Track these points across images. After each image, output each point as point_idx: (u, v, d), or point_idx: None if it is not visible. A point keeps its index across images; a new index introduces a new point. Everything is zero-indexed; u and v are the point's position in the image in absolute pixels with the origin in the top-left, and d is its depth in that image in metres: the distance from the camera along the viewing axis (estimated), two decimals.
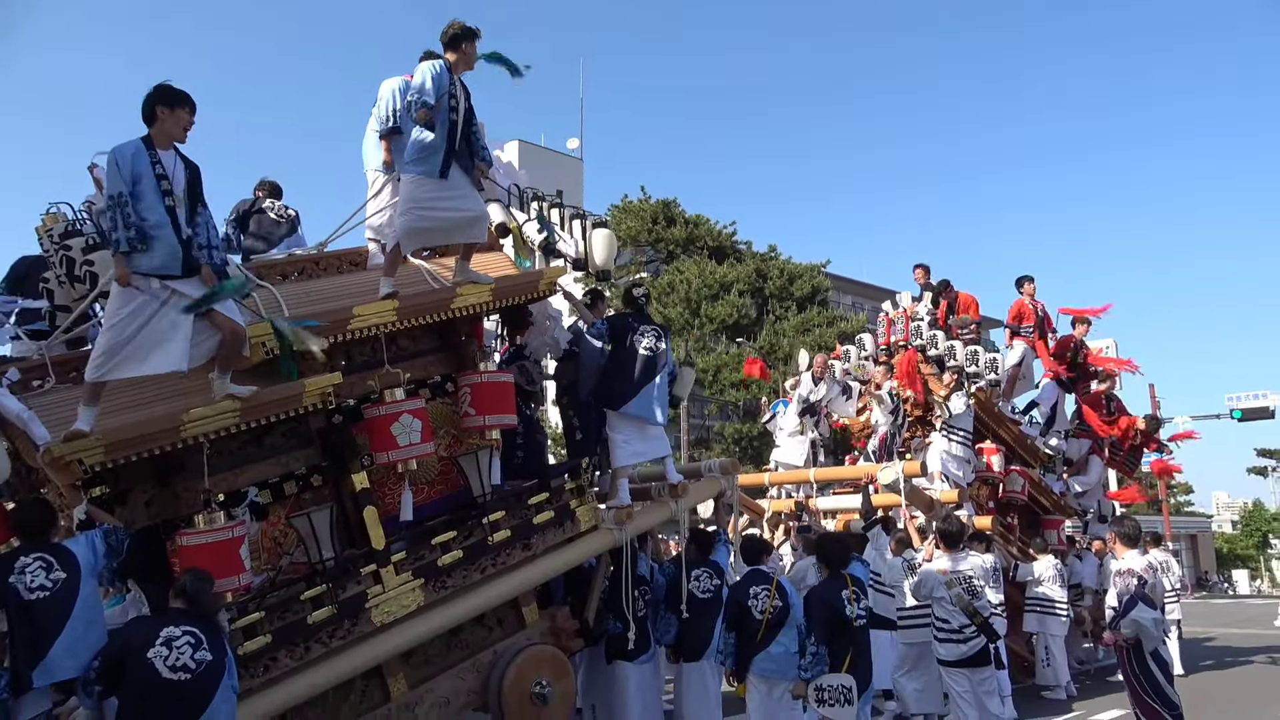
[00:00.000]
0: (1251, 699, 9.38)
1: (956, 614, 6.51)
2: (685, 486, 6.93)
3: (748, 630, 6.01)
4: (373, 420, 5.19)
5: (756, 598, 6.16)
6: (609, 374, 6.53)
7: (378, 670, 5.12)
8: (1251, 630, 16.11)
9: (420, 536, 5.51)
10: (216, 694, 3.89)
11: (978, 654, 6.49)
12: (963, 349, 10.57)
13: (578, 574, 6.68)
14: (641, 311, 6.81)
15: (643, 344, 6.55)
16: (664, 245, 30.70)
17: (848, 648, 5.27)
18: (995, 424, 10.39)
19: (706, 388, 28.64)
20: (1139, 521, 6.65)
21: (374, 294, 5.43)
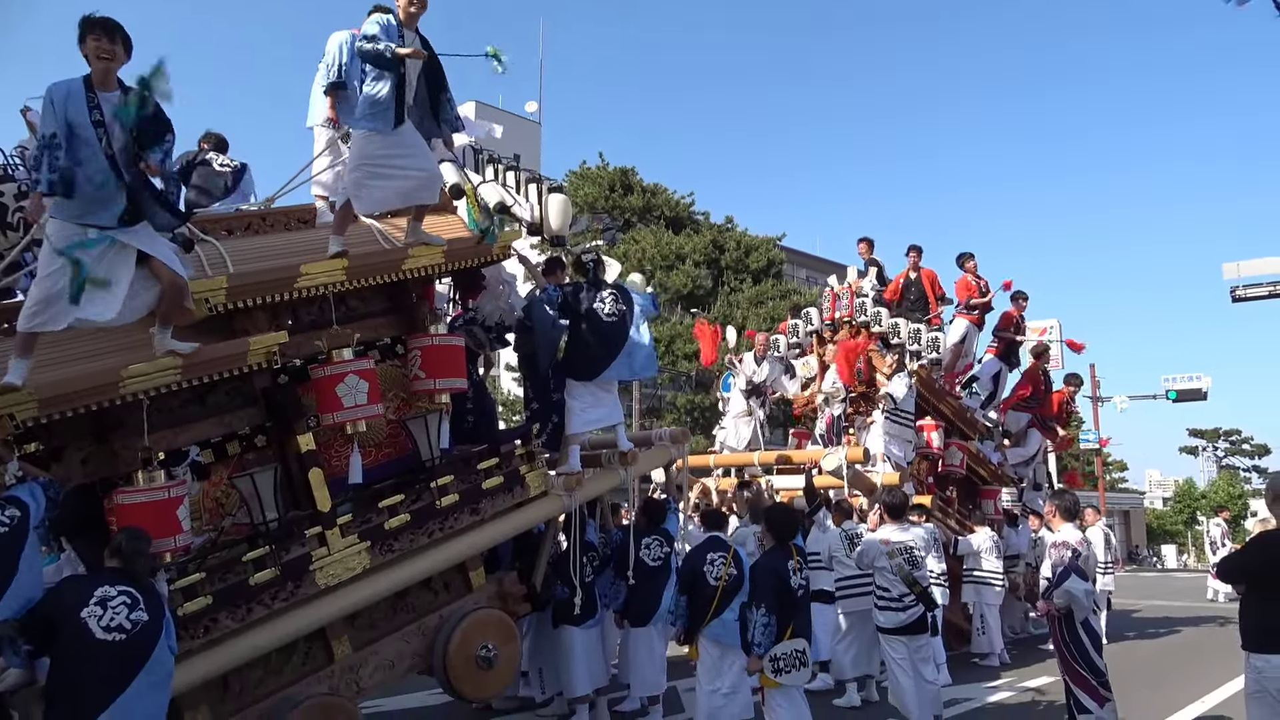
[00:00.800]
0: (1176, 667, 9.80)
1: (897, 583, 6.65)
2: (635, 454, 6.96)
3: (702, 595, 6.11)
4: (319, 380, 5.11)
5: (713, 564, 6.22)
6: (575, 345, 6.51)
7: (321, 633, 5.10)
8: (1179, 602, 16.78)
9: (367, 499, 5.46)
10: (153, 655, 3.83)
11: (916, 622, 6.65)
12: (906, 327, 10.61)
13: (526, 539, 6.70)
14: (596, 278, 6.77)
15: (603, 310, 6.53)
16: (621, 213, 30.54)
17: (793, 616, 5.36)
18: (936, 399, 10.54)
19: (660, 358, 28.71)
20: (1077, 496, 6.84)
21: (322, 252, 5.32)
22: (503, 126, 7.75)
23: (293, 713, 4.77)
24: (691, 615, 6.15)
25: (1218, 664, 9.46)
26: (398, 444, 5.75)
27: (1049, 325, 31.20)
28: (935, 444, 10.29)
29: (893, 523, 6.92)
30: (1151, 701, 7.77)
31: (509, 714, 7.43)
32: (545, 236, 6.71)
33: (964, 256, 11.96)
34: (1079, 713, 5.91)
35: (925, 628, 6.69)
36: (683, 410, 28.20)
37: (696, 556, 6.31)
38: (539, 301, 6.47)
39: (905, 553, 6.73)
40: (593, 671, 6.94)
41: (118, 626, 3.79)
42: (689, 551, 6.66)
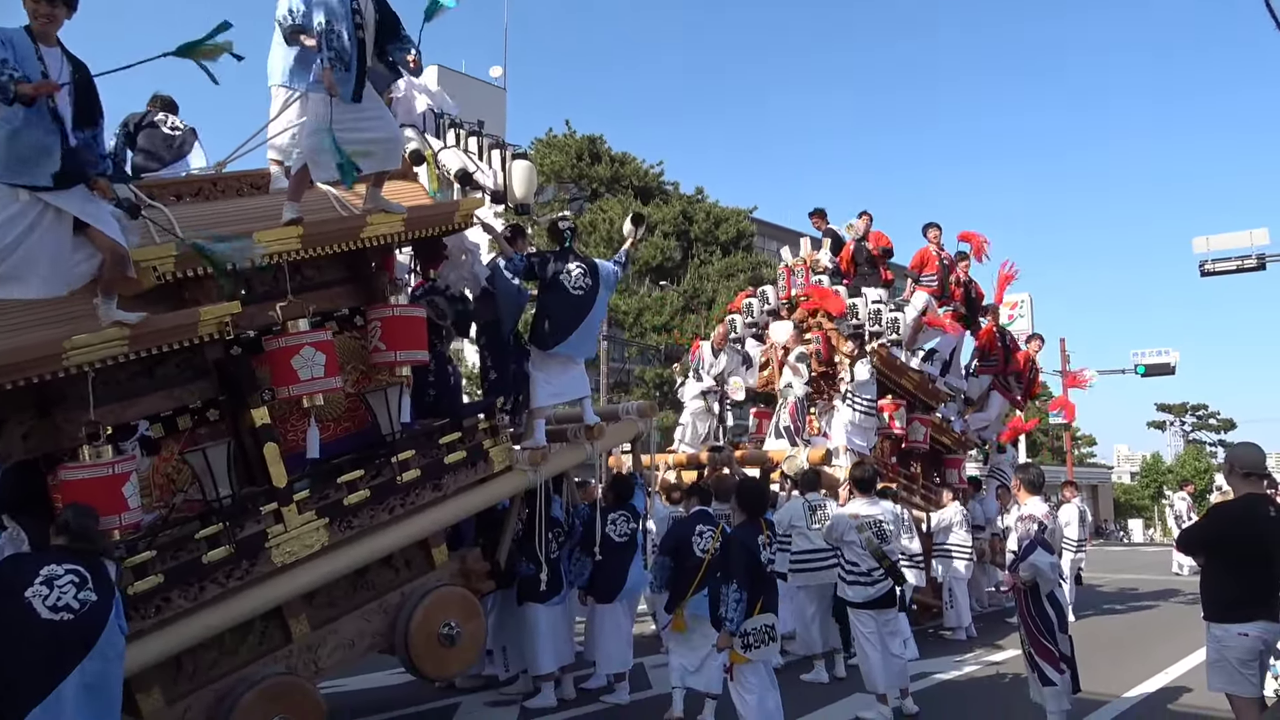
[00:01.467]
0: (1140, 640, 10.07)
1: (866, 557, 6.73)
2: (601, 429, 6.97)
3: (687, 565, 6.25)
4: (273, 352, 5.06)
5: (701, 536, 6.36)
6: (539, 314, 6.48)
7: (278, 612, 5.09)
8: (1144, 576, 17.24)
9: (325, 475, 5.43)
10: (102, 635, 3.79)
11: (884, 596, 6.74)
12: (865, 308, 10.49)
13: (490, 515, 6.71)
14: (567, 247, 6.74)
15: (571, 282, 6.50)
16: (588, 183, 30.37)
17: (762, 591, 5.40)
18: (897, 375, 10.55)
19: (627, 330, 28.72)
20: (1042, 469, 6.97)
21: (276, 219, 5.24)
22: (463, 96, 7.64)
23: (249, 694, 4.77)
24: (676, 585, 6.28)
25: (1180, 637, 9.74)
26: (357, 418, 5.72)
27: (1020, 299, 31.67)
28: (897, 425, 10.33)
29: (862, 497, 7.00)
30: (1114, 674, 7.99)
31: (472, 692, 7.46)
32: (509, 204, 6.65)
33: (929, 226, 11.87)
34: (1044, 684, 6.04)
35: (893, 602, 6.79)
36: (651, 384, 28.27)
37: (686, 526, 6.44)
38: (502, 268, 6.43)
39: (874, 527, 6.81)
40: (558, 649, 6.99)
41: (65, 606, 3.74)
42: (678, 521, 6.75)
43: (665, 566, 6.36)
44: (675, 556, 6.35)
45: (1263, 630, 4.61)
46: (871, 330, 10.47)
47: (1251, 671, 4.63)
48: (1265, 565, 4.66)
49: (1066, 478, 34.16)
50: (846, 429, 9.89)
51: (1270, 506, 4.82)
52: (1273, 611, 4.62)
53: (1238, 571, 4.70)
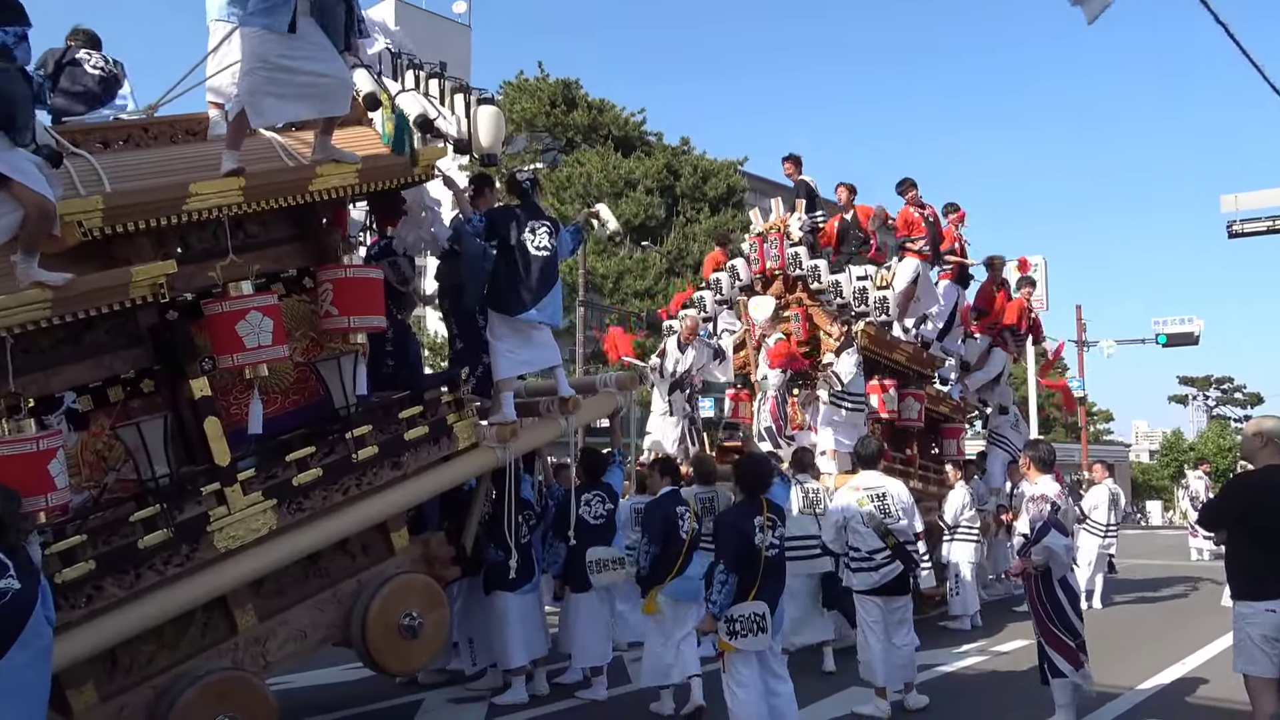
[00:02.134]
0: (1156, 629, 10.26)
1: (869, 537, 6.71)
2: (577, 402, 6.98)
3: (672, 550, 6.39)
4: (214, 318, 5.02)
5: (682, 518, 6.52)
6: (499, 277, 6.45)
7: (222, 601, 5.09)
8: (1160, 561, 17.53)
9: (273, 452, 5.43)
10: (27, 626, 3.76)
11: (891, 582, 6.72)
12: (850, 285, 10.29)
13: (455, 497, 6.72)
14: (530, 203, 6.70)
15: (534, 242, 6.47)
16: (563, 132, 30.20)
17: (756, 578, 5.39)
18: (887, 351, 10.50)
19: (607, 296, 28.71)
20: (1052, 445, 7.05)
21: (215, 169, 5.18)
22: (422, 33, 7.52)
23: (191, 690, 4.78)
24: (658, 569, 6.38)
25: (1198, 625, 9.94)
26: (307, 390, 5.70)
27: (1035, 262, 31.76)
28: (887, 408, 10.31)
29: (866, 471, 7.04)
30: (1128, 665, 8.14)
31: (436, 688, 7.51)
32: (474, 155, 6.60)
33: (904, 185, 11.52)
34: (1053, 676, 6.16)
35: (903, 589, 6.79)
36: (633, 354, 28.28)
37: (667, 507, 6.53)
38: (467, 229, 6.39)
39: (878, 499, 6.80)
40: (529, 641, 7.05)
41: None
42: (654, 501, 6.78)
43: (654, 557, 6.43)
44: (664, 543, 6.44)
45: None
46: (858, 310, 10.29)
47: (1275, 651, 4.73)
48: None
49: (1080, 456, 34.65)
50: (832, 429, 9.66)
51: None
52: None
53: (1262, 546, 4.79)
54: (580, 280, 24.63)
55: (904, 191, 11.48)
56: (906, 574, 6.78)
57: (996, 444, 12.57)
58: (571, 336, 25.68)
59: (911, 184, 11.46)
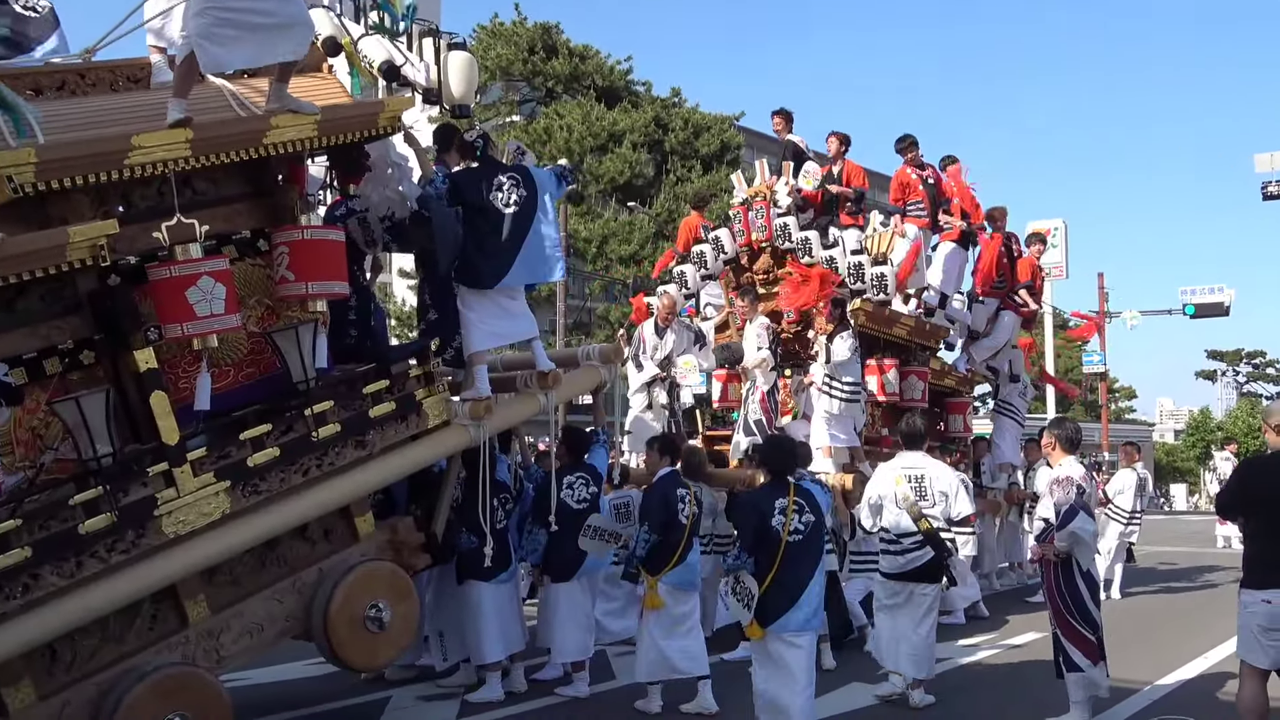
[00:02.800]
0: (1178, 620, 10.41)
1: (901, 519, 6.85)
2: (558, 376, 6.98)
3: (672, 538, 6.56)
4: (161, 283, 5.00)
5: (683, 501, 6.69)
6: (471, 245, 6.43)
7: (172, 591, 5.10)
8: (1186, 549, 17.74)
9: (226, 430, 5.43)
10: None
11: (919, 569, 6.84)
12: (844, 259, 10.15)
13: (425, 479, 6.73)
14: (489, 160, 6.66)
15: (502, 199, 6.44)
16: (542, 81, 29.99)
17: (773, 563, 5.57)
18: (886, 327, 10.49)
19: (590, 262, 28.68)
20: (1078, 424, 7.11)
21: (160, 120, 5.13)
22: None
23: (138, 687, 4.80)
24: (658, 558, 6.54)
25: (1223, 617, 10.01)
26: (262, 362, 5.69)
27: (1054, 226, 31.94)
28: (886, 391, 10.29)
29: (908, 451, 7.18)
30: (1148, 659, 8.26)
31: (405, 685, 7.56)
32: (444, 106, 6.56)
33: (904, 143, 11.31)
34: (1068, 669, 6.26)
35: (930, 577, 6.88)
36: (616, 324, 28.28)
37: (667, 492, 6.65)
38: (431, 191, 6.36)
39: (915, 480, 6.94)
40: (506, 634, 7.08)
41: None
42: (653, 485, 6.84)
43: (653, 546, 6.54)
44: (665, 531, 6.58)
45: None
46: (854, 288, 10.15)
47: (1271, 642, 5.07)
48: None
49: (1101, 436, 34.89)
50: (826, 423, 9.54)
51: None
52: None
53: (1264, 534, 5.14)
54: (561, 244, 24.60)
55: (904, 150, 11.33)
56: (937, 561, 6.88)
57: (1003, 413, 12.49)
58: (551, 306, 25.67)
59: (912, 143, 11.31)
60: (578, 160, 28.06)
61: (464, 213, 6.39)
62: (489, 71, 28.10)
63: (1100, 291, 35.44)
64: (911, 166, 11.22)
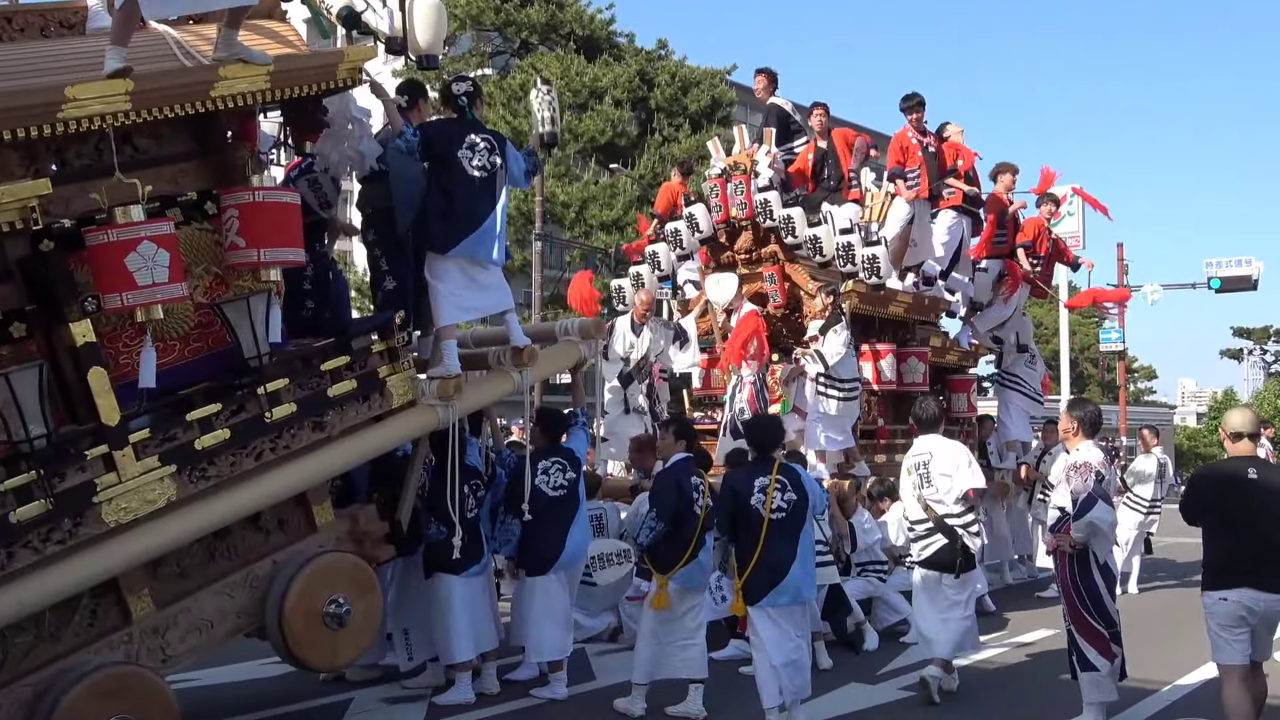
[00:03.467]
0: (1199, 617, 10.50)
1: (915, 507, 7.32)
2: (533, 352, 6.98)
3: (685, 531, 6.61)
4: (98, 249, 4.96)
5: (698, 491, 6.72)
6: (430, 205, 6.41)
7: (113, 585, 5.10)
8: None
9: (171, 410, 5.42)
10: None
11: (932, 556, 7.24)
12: (832, 240, 10.06)
13: (388, 463, 6.72)
14: (468, 117, 6.63)
15: (473, 161, 6.41)
16: (515, 32, 29.78)
17: (756, 544, 6.03)
18: (882, 306, 10.54)
19: (568, 228, 28.60)
20: (1099, 406, 7.15)
21: (97, 69, 5.07)
22: None
23: (77, 688, 4.79)
24: (669, 555, 6.60)
25: None
26: (211, 336, 5.68)
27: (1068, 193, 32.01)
28: (882, 378, 10.32)
29: (924, 435, 7.48)
30: (1167, 657, 8.36)
31: (367, 686, 7.58)
32: (410, 57, 6.52)
33: (911, 102, 11.19)
34: (1083, 669, 6.32)
35: (945, 565, 7.20)
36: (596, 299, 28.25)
37: (681, 477, 6.69)
38: (393, 146, 6.33)
39: (921, 467, 7.27)
40: (477, 631, 7.10)
41: None
42: (664, 470, 6.86)
43: (658, 532, 6.61)
44: (676, 522, 6.62)
45: (1244, 597, 5.42)
46: (844, 271, 10.11)
47: (1235, 637, 5.49)
48: (1249, 529, 5.47)
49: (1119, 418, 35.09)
50: (820, 425, 9.57)
51: (1253, 467, 5.59)
52: (1261, 579, 5.41)
53: (1222, 537, 5.64)
54: (537, 209, 24.51)
55: (910, 109, 11.20)
56: (951, 549, 7.14)
57: (1007, 385, 12.46)
58: (526, 277, 25.62)
59: (919, 103, 11.21)
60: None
61: (431, 169, 6.37)
62: (458, 20, 27.88)
63: (1119, 263, 35.57)
64: (914, 129, 11.16)
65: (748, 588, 6.19)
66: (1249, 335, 60.00)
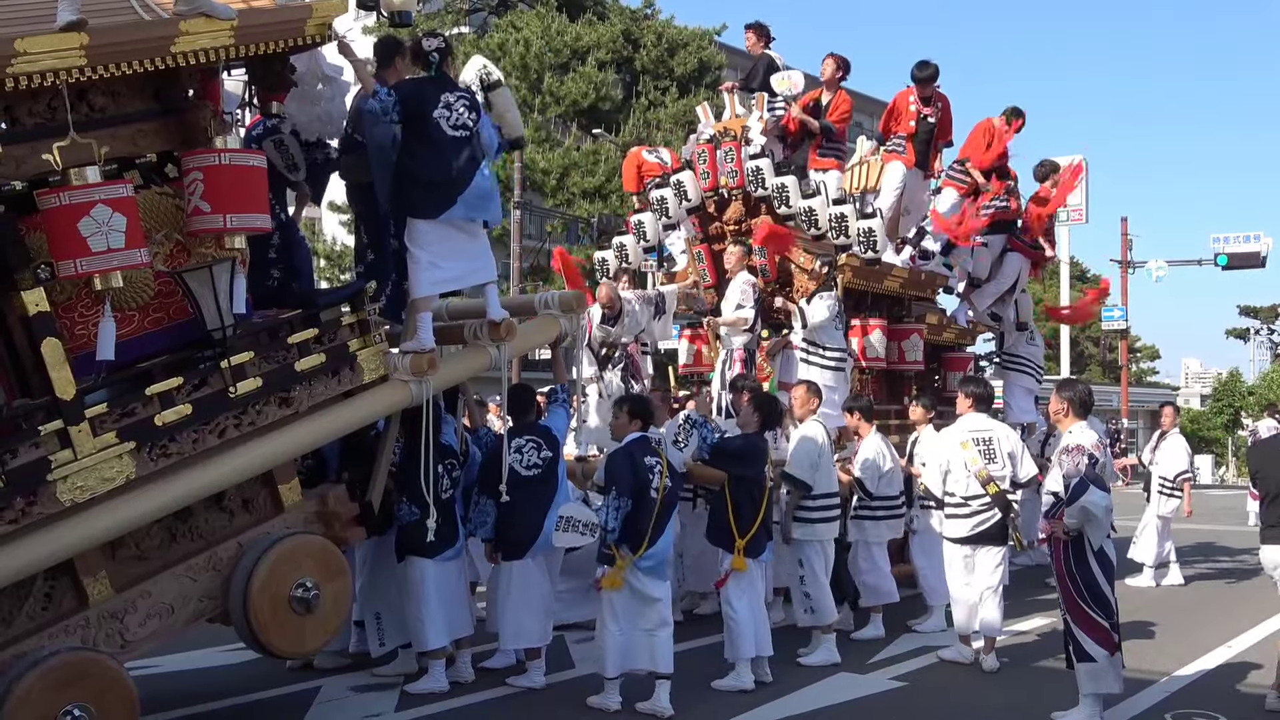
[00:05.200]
0: (1201, 605, 10.63)
1: (971, 482, 7.77)
2: (511, 326, 6.97)
3: (646, 510, 6.64)
4: (52, 212, 4.91)
5: (653, 472, 6.73)
6: (411, 169, 6.37)
7: (69, 567, 5.08)
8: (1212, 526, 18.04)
9: (130, 384, 5.39)
10: None
11: (987, 530, 7.78)
12: (825, 209, 9.91)
13: (359, 442, 6.71)
14: (442, 75, 6.58)
15: (449, 120, 6.36)
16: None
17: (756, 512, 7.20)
18: (876, 281, 10.48)
19: (549, 197, 28.54)
20: (1090, 386, 7.18)
21: (49, 22, 5.02)
22: None
23: (30, 675, 4.77)
24: (632, 536, 6.62)
25: (1249, 602, 10.29)
26: (171, 306, 5.66)
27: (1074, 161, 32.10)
28: (868, 356, 10.23)
29: (976, 413, 7.99)
30: (1166, 648, 8.44)
31: (337, 674, 7.58)
32: (382, 13, 6.47)
33: (926, 70, 10.90)
34: (1079, 659, 6.37)
35: (1000, 538, 7.83)
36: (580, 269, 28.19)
37: (634, 453, 6.72)
38: (369, 109, 6.27)
39: (982, 443, 7.78)
40: (451, 617, 7.11)
41: None
42: (620, 449, 6.83)
43: (626, 516, 6.59)
44: (637, 499, 6.62)
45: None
46: (838, 243, 9.97)
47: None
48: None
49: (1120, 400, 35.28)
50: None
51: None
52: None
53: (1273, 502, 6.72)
54: (516, 176, 24.41)
55: (923, 78, 10.93)
56: (1004, 523, 7.82)
57: (1011, 366, 12.42)
58: (505, 247, 25.56)
59: (934, 73, 10.94)
60: (535, 79, 27.81)
61: (405, 131, 6.32)
62: None
63: (1123, 238, 35.78)
64: (917, 97, 11.01)
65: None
66: (1256, 314, 60.36)
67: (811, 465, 7.92)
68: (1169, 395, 53.03)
